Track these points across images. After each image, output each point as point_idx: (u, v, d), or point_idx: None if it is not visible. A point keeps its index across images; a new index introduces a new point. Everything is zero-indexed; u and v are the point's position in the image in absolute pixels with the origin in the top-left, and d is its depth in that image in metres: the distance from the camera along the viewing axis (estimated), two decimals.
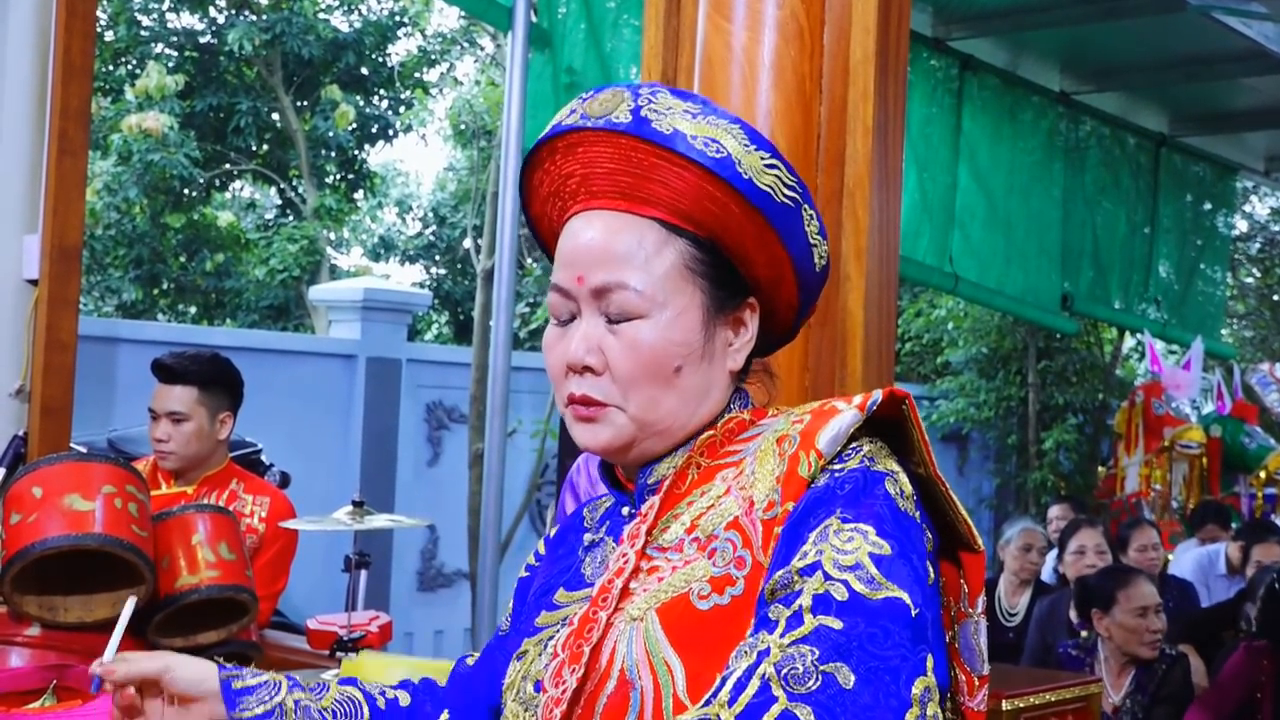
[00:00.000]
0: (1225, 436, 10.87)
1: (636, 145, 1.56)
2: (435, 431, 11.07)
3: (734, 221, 1.58)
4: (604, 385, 1.58)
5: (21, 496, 3.24)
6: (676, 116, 1.55)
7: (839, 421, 1.51)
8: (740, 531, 1.51)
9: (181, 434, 4.29)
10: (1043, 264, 9.56)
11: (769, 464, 1.53)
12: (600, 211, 1.60)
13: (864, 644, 1.34)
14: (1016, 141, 9.40)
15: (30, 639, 3.29)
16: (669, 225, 1.58)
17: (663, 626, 1.48)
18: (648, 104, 1.56)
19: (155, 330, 10.20)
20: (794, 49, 2.67)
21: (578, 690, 1.50)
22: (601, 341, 1.57)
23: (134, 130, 13.23)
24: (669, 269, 1.57)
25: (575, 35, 6.60)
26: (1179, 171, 11.01)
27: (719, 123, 1.56)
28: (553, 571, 1.75)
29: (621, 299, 1.56)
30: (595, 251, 1.58)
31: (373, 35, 15.04)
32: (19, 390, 4.70)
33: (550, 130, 1.63)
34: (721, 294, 1.61)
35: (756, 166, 1.56)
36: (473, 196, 13.64)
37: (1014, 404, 14.45)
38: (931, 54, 8.77)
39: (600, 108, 1.58)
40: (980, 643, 1.60)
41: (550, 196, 1.66)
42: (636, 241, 1.57)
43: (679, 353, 1.57)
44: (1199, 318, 11.31)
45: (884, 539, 1.42)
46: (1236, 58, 8.75)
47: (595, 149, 1.58)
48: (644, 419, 1.59)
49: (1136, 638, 4.97)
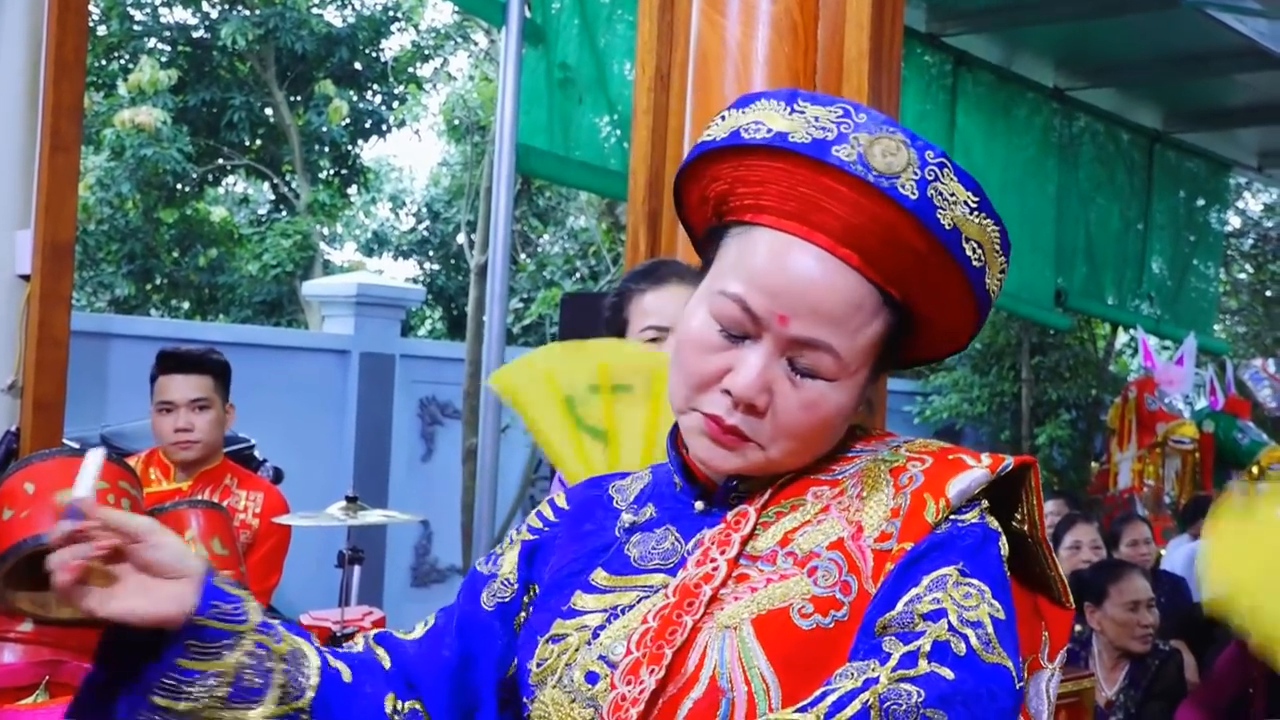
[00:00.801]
0: (1218, 432, 10.88)
1: (912, 225, 1.46)
2: (429, 427, 11.07)
3: (951, 312, 1.55)
4: (758, 426, 1.51)
5: (14, 492, 3.23)
6: (958, 209, 1.47)
7: (970, 476, 1.49)
8: (845, 555, 1.48)
9: (205, 421, 4.32)
10: (1037, 260, 9.57)
11: (882, 493, 1.51)
12: (824, 253, 1.48)
13: (969, 701, 1.34)
14: (1010, 138, 9.41)
15: (23, 635, 3.29)
16: (884, 294, 1.50)
17: (759, 639, 1.45)
18: (934, 181, 1.46)
19: (148, 326, 10.20)
20: (788, 45, 2.67)
21: (656, 691, 1.47)
22: (774, 384, 1.49)
23: (127, 125, 13.20)
24: (872, 341, 1.51)
25: (569, 30, 6.59)
26: (1173, 168, 11.02)
27: (986, 224, 1.50)
28: (582, 550, 1.67)
29: (817, 359, 1.49)
30: (810, 299, 1.47)
31: (366, 30, 15.03)
32: (11, 386, 4.69)
33: (810, 150, 1.47)
34: (889, 358, 1.58)
35: (995, 271, 1.52)
36: (466, 192, 13.63)
37: (1007, 399, 14.47)
38: (925, 50, 8.77)
39: (884, 163, 1.45)
40: (1051, 694, 1.60)
41: (733, 184, 1.54)
42: (856, 306, 1.48)
43: (846, 418, 1.55)
44: (1192, 313, 11.33)
45: (999, 602, 1.43)
46: (1230, 54, 8.76)
47: (859, 197, 1.46)
48: (780, 462, 1.54)
49: (1128, 631, 4.98)
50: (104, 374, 8.17)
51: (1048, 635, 1.61)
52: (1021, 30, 8.91)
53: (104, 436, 6.81)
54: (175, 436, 4.31)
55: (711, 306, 1.52)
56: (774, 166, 1.50)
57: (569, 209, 15.29)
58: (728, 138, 1.53)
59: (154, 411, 4.37)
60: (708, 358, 1.52)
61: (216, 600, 1.53)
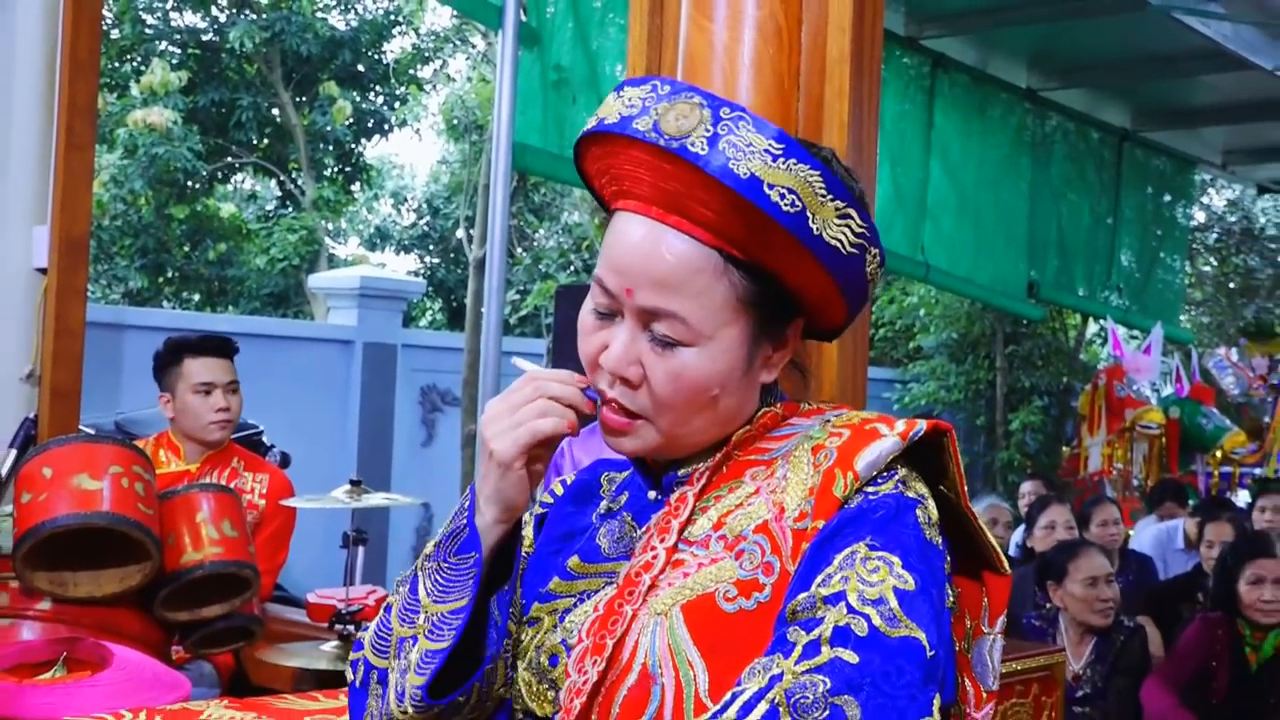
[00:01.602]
0: (1183, 418, 10.91)
1: (708, 181, 1.42)
2: (429, 414, 11.07)
3: (797, 270, 1.49)
4: (639, 399, 1.50)
5: (32, 477, 3.24)
6: (756, 159, 1.41)
7: (880, 446, 1.46)
8: (769, 537, 1.46)
9: (238, 402, 4.43)
10: (1010, 253, 9.57)
11: (802, 471, 1.49)
12: (654, 223, 1.48)
13: (876, 681, 1.31)
14: (985, 136, 9.40)
15: (41, 613, 3.30)
16: (726, 255, 1.46)
17: (687, 625, 1.44)
18: (728, 135, 1.42)
19: (161, 317, 10.18)
20: (773, 48, 2.66)
21: (598, 681, 1.46)
22: (643, 357, 1.49)
23: (139, 125, 13.18)
24: (722, 302, 1.47)
25: (563, 33, 6.58)
26: (1140, 165, 11.03)
27: (798, 169, 1.43)
28: (562, 530, 1.68)
29: (670, 326, 1.47)
30: (647, 268, 1.47)
31: (369, 33, 15.01)
32: (29, 375, 4.69)
33: (616, 127, 1.48)
34: (769, 321, 1.53)
35: (830, 218, 1.45)
36: (465, 189, 13.62)
37: (982, 387, 14.48)
38: (904, 52, 8.76)
39: (676, 125, 1.43)
40: (994, 659, 1.57)
41: (600, 174, 1.55)
42: (693, 270, 1.46)
43: (720, 382, 1.50)
44: (1159, 305, 11.34)
45: (909, 571, 1.39)
46: (1196, 56, 8.76)
47: (660, 162, 1.45)
48: (674, 434, 1.52)
49: (1088, 606, 5.00)
50: (118, 363, 8.16)
51: (987, 601, 1.59)
52: (996, 33, 8.91)
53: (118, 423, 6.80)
54: (215, 416, 4.34)
55: (591, 291, 1.54)
56: (605, 150, 1.51)
57: (563, 205, 15.28)
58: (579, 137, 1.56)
59: (186, 392, 4.35)
60: (590, 339, 1.54)
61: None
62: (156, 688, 2.93)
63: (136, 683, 2.92)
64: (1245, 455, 10.98)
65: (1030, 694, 4.09)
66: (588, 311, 1.54)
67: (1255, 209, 17.27)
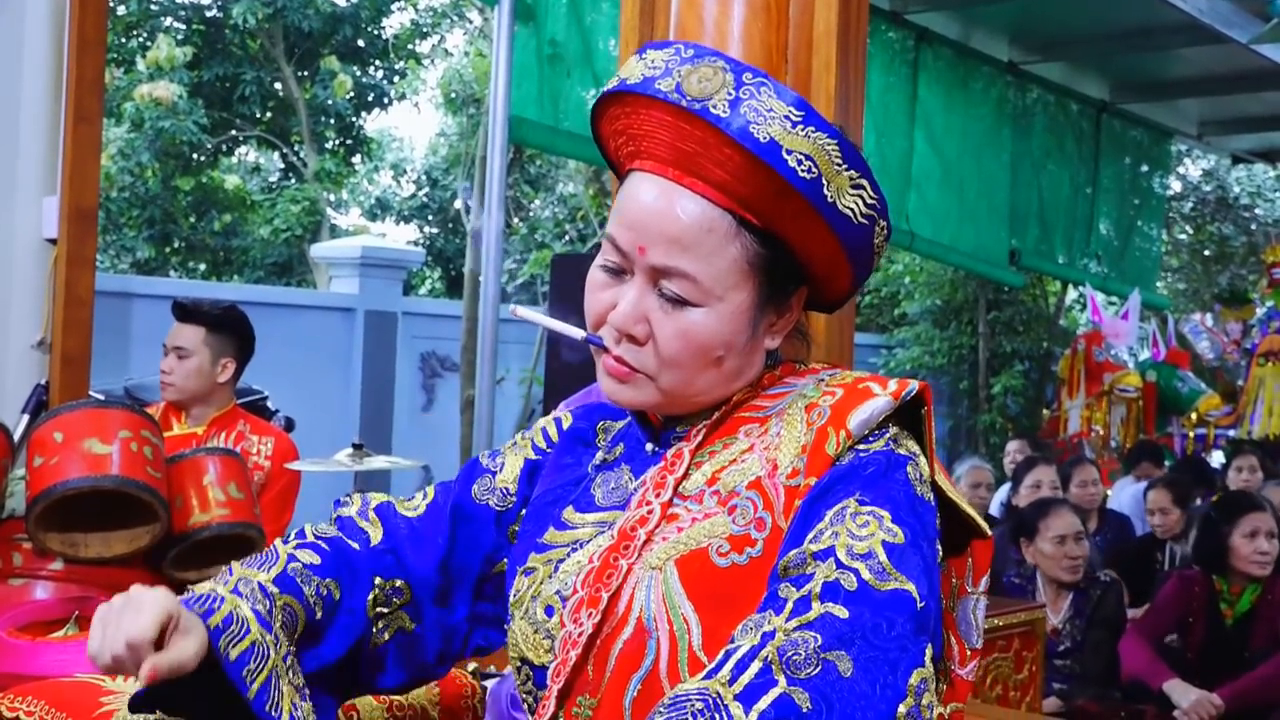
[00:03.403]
0: (1160, 381, 10.93)
1: (728, 142, 1.41)
2: (429, 379, 11.07)
3: (807, 235, 1.48)
4: (643, 356, 1.49)
5: (44, 441, 3.23)
6: (776, 124, 1.41)
7: (872, 405, 1.45)
8: (762, 493, 1.45)
9: (183, 369, 4.27)
10: (992, 222, 9.58)
11: (796, 430, 1.48)
12: (669, 183, 1.46)
13: (867, 634, 1.30)
14: (968, 109, 9.40)
15: (54, 573, 3.29)
16: (739, 218, 1.45)
17: (681, 579, 1.43)
18: (750, 99, 1.42)
19: (168, 286, 10.17)
20: (761, 21, 2.65)
21: (594, 633, 1.46)
22: (650, 315, 1.47)
23: (145, 99, 13.13)
24: (732, 264, 1.46)
25: (558, 9, 6.56)
26: (1118, 136, 11.03)
27: (816, 137, 1.42)
28: (559, 481, 1.66)
29: (680, 285, 1.46)
30: (661, 227, 1.45)
31: (368, 9, 14.94)
32: (41, 342, 4.68)
33: (639, 87, 1.46)
34: (776, 287, 1.51)
35: (844, 187, 1.44)
36: (463, 160, 13.58)
37: (965, 352, 14.50)
38: (889, 27, 8.75)
39: (699, 88, 1.42)
40: (978, 618, 1.56)
41: (618, 135, 1.54)
42: (705, 230, 1.45)
43: (725, 343, 1.49)
44: (1136, 272, 11.35)
45: (899, 525, 1.38)
46: (1172, 30, 8.75)
47: (680, 123, 1.45)
48: (674, 392, 1.51)
49: (1057, 564, 5.02)
50: (126, 331, 8.15)
51: (972, 562, 1.58)
52: (978, 8, 8.90)
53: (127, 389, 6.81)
54: (161, 376, 4.32)
55: (601, 250, 1.53)
56: (625, 110, 1.50)
57: (558, 176, 15.24)
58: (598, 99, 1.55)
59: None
60: (598, 295, 1.52)
61: (206, 616, 1.46)
62: None
63: None
64: (1220, 418, 11.00)
65: (1011, 648, 4.11)
66: (597, 268, 1.53)
67: (1230, 179, 17.25)
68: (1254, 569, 4.84)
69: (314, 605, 1.59)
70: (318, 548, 1.64)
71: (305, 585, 1.59)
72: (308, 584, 1.59)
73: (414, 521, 1.70)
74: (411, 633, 1.68)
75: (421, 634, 1.68)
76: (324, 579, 1.61)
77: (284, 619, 1.54)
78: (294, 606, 1.56)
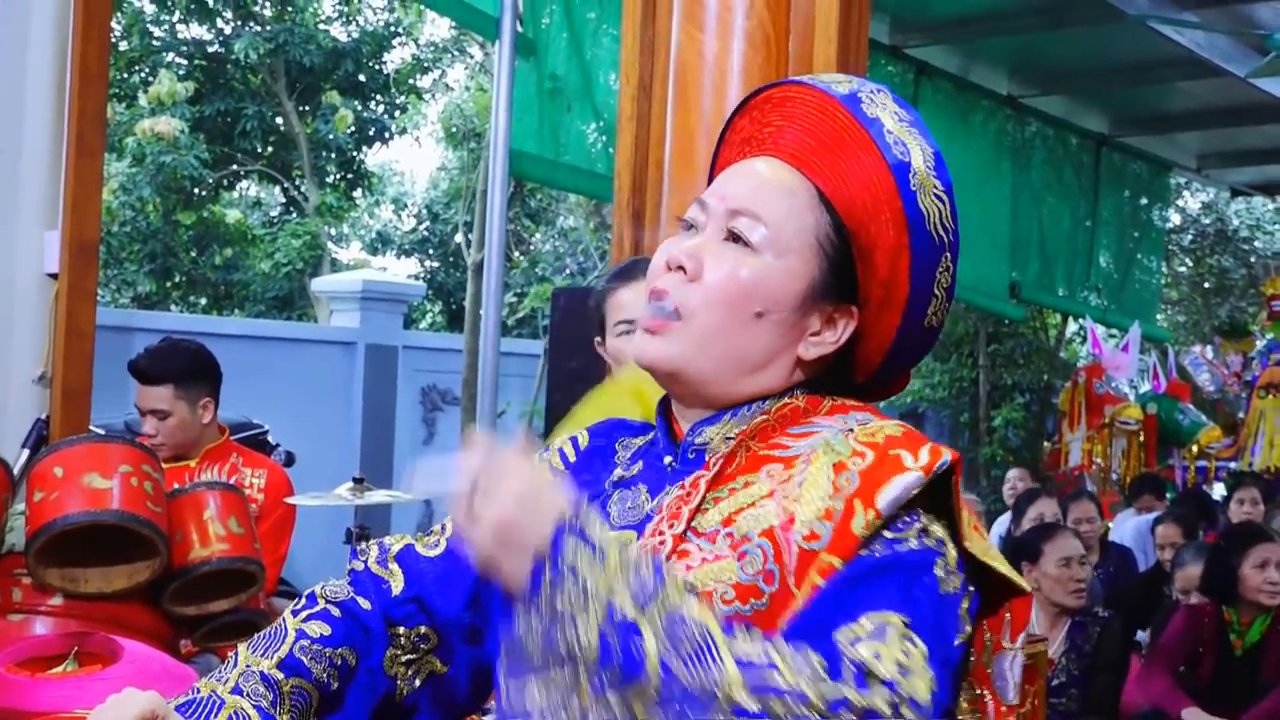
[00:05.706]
0: (1161, 414, 10.91)
1: (839, 113, 1.52)
2: (430, 413, 11.07)
3: (880, 222, 1.51)
4: (685, 291, 1.50)
5: (44, 476, 3.23)
6: (887, 112, 1.52)
7: (903, 481, 1.40)
8: (774, 543, 1.42)
9: (167, 428, 4.23)
10: (993, 255, 9.59)
11: (820, 489, 1.43)
12: (773, 159, 1.56)
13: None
14: (968, 142, 9.42)
15: (53, 608, 3.28)
16: (824, 198, 1.52)
17: None
18: (867, 91, 1.55)
19: (168, 320, 10.18)
20: (761, 56, 2.66)
21: None
22: (707, 252, 1.51)
23: (147, 134, 13.18)
24: (803, 229, 1.51)
25: (558, 44, 6.57)
26: (1118, 169, 11.05)
27: (918, 138, 1.52)
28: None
29: (749, 225, 1.50)
30: (747, 178, 1.55)
31: (370, 44, 15.01)
32: (41, 376, 4.68)
33: (772, 83, 1.60)
34: (832, 282, 1.52)
35: (929, 187, 1.50)
36: (464, 194, 13.62)
37: (966, 384, 14.51)
38: (889, 60, 8.77)
39: (830, 79, 1.57)
40: (1015, 674, 1.54)
41: (744, 143, 1.61)
42: (790, 191, 1.52)
43: (768, 302, 1.50)
44: (1136, 304, 11.36)
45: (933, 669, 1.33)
46: (1171, 64, 8.78)
47: (802, 108, 1.55)
48: (700, 343, 1.50)
49: (1062, 587, 4.99)
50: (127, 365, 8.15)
51: (1009, 618, 1.56)
52: (977, 42, 8.92)
53: (127, 424, 6.79)
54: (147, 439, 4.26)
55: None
56: (770, 102, 1.59)
57: (559, 209, 15.29)
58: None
59: None
60: (666, 246, 1.56)
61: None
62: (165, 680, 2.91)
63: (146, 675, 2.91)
64: (1221, 450, 10.98)
65: None
66: (670, 240, 1.57)
67: (1229, 211, 17.30)
68: (1264, 599, 4.86)
69: (328, 680, 1.58)
70: (328, 615, 1.62)
71: (316, 663, 1.57)
72: (318, 661, 1.58)
73: (436, 561, 1.67)
74: (444, 675, 1.66)
75: (455, 675, 1.66)
76: (336, 649, 1.60)
77: (293, 703, 1.54)
78: (304, 688, 1.56)
